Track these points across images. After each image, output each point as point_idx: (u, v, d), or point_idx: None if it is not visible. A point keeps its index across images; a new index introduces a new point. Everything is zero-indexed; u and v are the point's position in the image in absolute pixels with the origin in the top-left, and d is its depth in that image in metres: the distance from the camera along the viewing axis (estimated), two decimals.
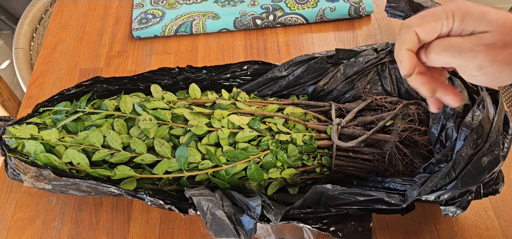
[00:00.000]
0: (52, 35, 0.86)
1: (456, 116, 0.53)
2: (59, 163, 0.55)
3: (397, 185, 0.53)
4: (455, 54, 0.35)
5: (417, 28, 0.37)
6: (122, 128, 0.57)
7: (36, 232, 0.60)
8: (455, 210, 0.51)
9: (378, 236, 0.59)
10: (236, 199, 0.53)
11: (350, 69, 0.65)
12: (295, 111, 0.61)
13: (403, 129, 0.56)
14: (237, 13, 0.85)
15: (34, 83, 0.78)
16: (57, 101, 0.63)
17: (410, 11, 0.67)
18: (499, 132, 0.48)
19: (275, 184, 0.58)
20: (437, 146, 0.55)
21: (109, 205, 0.62)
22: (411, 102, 0.61)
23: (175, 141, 0.57)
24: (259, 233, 0.57)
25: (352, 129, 0.59)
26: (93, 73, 0.79)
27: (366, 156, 0.59)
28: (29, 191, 0.64)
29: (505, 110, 0.52)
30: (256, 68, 0.67)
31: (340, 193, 0.52)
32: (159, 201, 0.53)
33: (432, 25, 0.37)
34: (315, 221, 0.53)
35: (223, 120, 0.58)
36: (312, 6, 0.85)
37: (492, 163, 0.46)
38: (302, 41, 0.83)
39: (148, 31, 0.83)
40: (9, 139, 0.57)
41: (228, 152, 0.56)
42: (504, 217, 0.60)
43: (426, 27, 0.37)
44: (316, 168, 0.59)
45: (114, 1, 0.91)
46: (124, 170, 0.55)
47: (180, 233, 0.60)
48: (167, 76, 0.66)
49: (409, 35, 0.38)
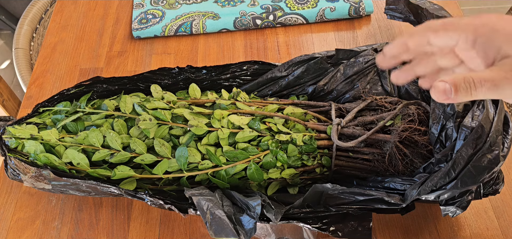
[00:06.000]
0: (52, 35, 0.86)
1: (456, 116, 0.53)
2: (59, 163, 0.55)
3: (397, 184, 0.53)
4: (492, 89, 0.34)
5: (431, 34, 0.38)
6: (122, 128, 0.57)
7: (36, 232, 0.60)
8: (455, 210, 0.51)
9: (378, 236, 0.59)
10: (236, 199, 0.53)
11: (350, 69, 0.65)
12: (295, 111, 0.61)
13: (403, 129, 0.56)
14: (237, 13, 0.85)
15: (34, 83, 0.78)
16: (57, 101, 0.63)
17: (408, 12, 0.67)
18: (499, 132, 0.48)
19: (275, 184, 0.58)
20: (437, 146, 0.55)
21: (109, 205, 0.62)
22: (411, 102, 0.61)
23: (175, 141, 0.57)
24: (259, 232, 0.57)
25: (352, 129, 0.59)
26: (93, 73, 0.79)
27: (366, 156, 0.59)
28: (29, 191, 0.64)
29: (505, 110, 0.52)
30: (256, 68, 0.67)
31: (340, 193, 0.52)
32: (159, 201, 0.53)
33: (449, 35, 0.37)
34: (315, 221, 0.53)
35: (223, 120, 0.58)
36: (312, 6, 0.85)
37: (492, 162, 0.46)
38: (302, 41, 0.83)
39: (148, 31, 0.83)
40: (9, 139, 0.57)
41: (228, 152, 0.56)
42: (504, 217, 0.60)
43: (441, 35, 0.38)
44: (316, 168, 0.59)
45: (114, 1, 0.91)
46: (124, 170, 0.55)
47: (180, 233, 0.60)
48: (167, 76, 0.66)
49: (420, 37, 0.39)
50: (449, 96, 0.33)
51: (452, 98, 0.33)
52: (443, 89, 0.33)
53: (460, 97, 0.33)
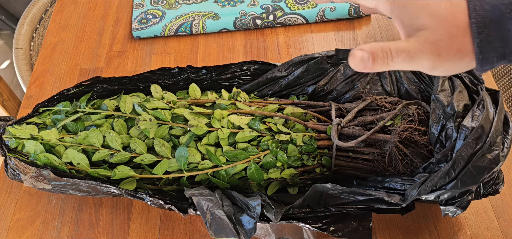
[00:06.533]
0: (52, 35, 0.86)
1: (456, 116, 0.53)
2: (59, 163, 0.55)
3: (397, 184, 0.53)
4: (407, 59, 0.33)
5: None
6: (122, 128, 0.57)
7: (36, 232, 0.60)
8: (455, 210, 0.51)
9: (378, 236, 0.59)
10: (236, 199, 0.53)
11: (350, 70, 0.65)
12: (295, 111, 0.61)
13: (403, 129, 0.56)
14: (237, 13, 0.85)
15: (34, 83, 0.78)
16: (57, 101, 0.63)
17: None
18: (499, 132, 0.48)
19: (275, 184, 0.58)
20: (437, 146, 0.55)
21: (109, 205, 0.62)
22: (411, 102, 0.61)
23: (175, 141, 0.57)
24: (259, 232, 0.57)
25: (352, 129, 0.59)
26: (93, 73, 0.79)
27: (366, 156, 0.59)
28: (29, 191, 0.64)
29: (505, 110, 0.52)
30: (256, 68, 0.67)
31: (340, 193, 0.52)
32: (159, 201, 0.53)
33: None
34: (315, 221, 0.53)
35: (223, 120, 0.58)
36: (312, 6, 0.85)
37: (492, 162, 0.46)
38: (302, 41, 0.83)
39: (148, 31, 0.83)
40: (9, 139, 0.57)
41: (228, 152, 0.56)
42: (504, 217, 0.60)
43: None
44: (316, 168, 0.59)
45: (114, 1, 0.91)
46: (124, 170, 0.55)
47: (180, 233, 0.60)
48: (167, 76, 0.66)
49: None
50: (367, 65, 0.33)
51: (370, 67, 0.33)
52: (361, 57, 0.33)
53: (377, 67, 0.33)
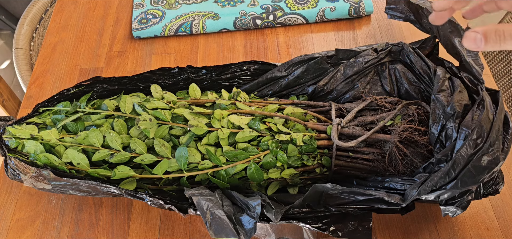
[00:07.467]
0: (52, 35, 0.86)
1: (456, 116, 0.53)
2: (59, 163, 0.55)
3: (397, 184, 0.53)
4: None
5: None
6: (122, 128, 0.57)
7: (36, 232, 0.60)
8: (455, 210, 0.51)
9: (378, 236, 0.59)
10: (236, 199, 0.53)
11: (350, 70, 0.65)
12: (295, 111, 0.61)
13: (403, 129, 0.56)
14: (237, 13, 0.85)
15: (34, 83, 0.78)
16: (57, 101, 0.63)
17: (409, 12, 0.67)
18: (499, 132, 0.48)
19: (275, 184, 0.58)
20: (437, 146, 0.55)
21: (109, 205, 0.62)
22: (411, 102, 0.61)
23: (175, 141, 0.57)
24: (259, 232, 0.57)
25: (352, 129, 0.59)
26: (93, 73, 0.79)
27: (366, 156, 0.59)
28: (29, 191, 0.64)
29: (505, 110, 0.52)
30: (256, 68, 0.67)
31: (340, 193, 0.52)
32: (159, 201, 0.53)
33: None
34: (315, 221, 0.53)
35: (223, 120, 0.58)
36: (312, 6, 0.85)
37: (492, 162, 0.46)
38: (302, 41, 0.83)
39: (148, 31, 0.83)
40: (9, 139, 0.57)
41: (228, 152, 0.56)
42: (504, 217, 0.60)
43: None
44: (316, 168, 0.59)
45: (114, 1, 0.91)
46: (124, 170, 0.55)
47: (180, 233, 0.60)
48: (167, 76, 0.66)
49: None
50: (479, 45, 0.37)
51: (482, 47, 0.37)
52: (474, 38, 0.37)
53: (489, 47, 0.37)
